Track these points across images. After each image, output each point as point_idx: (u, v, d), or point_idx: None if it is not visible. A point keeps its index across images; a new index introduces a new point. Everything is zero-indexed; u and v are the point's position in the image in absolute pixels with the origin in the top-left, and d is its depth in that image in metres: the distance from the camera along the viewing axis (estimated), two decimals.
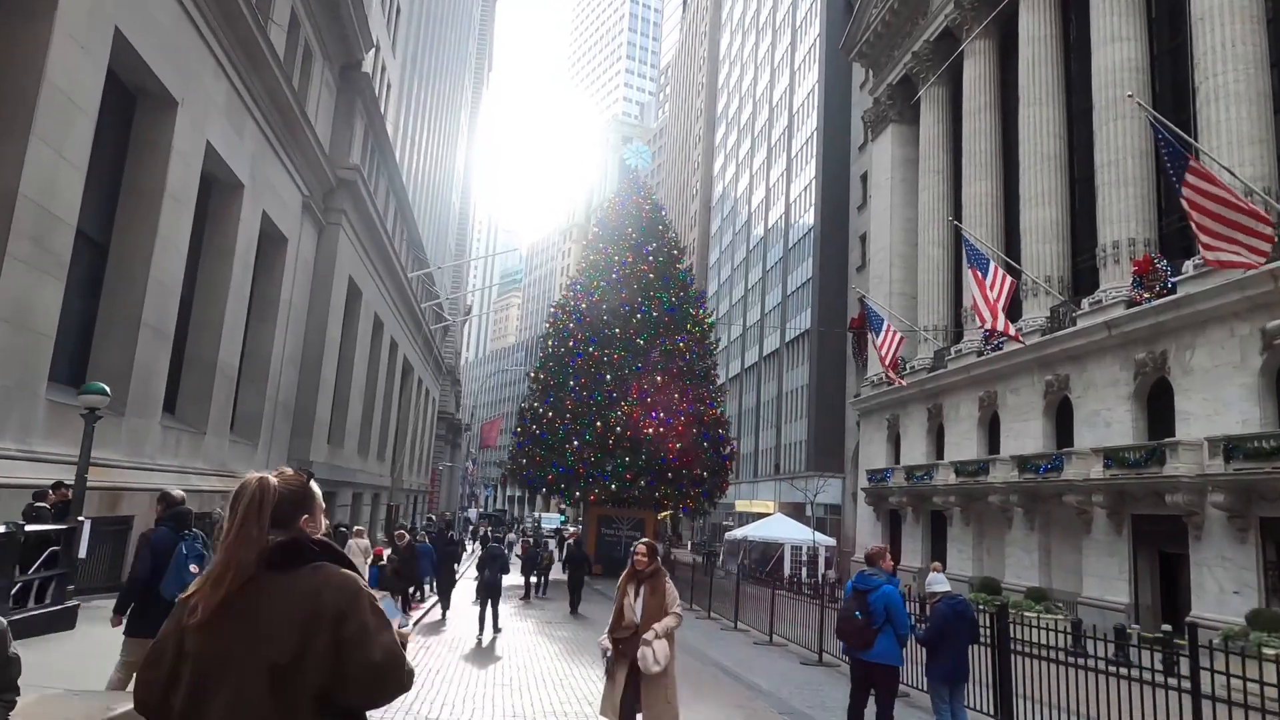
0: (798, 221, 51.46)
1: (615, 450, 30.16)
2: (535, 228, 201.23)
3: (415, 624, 14.85)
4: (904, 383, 27.73)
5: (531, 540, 25.71)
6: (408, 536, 15.33)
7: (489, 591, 13.81)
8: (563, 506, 33.40)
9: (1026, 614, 16.36)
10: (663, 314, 32.51)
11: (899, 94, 36.42)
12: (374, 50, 30.78)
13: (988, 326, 22.03)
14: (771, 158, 58.70)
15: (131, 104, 14.89)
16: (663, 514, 70.45)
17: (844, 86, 47.94)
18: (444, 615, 15.83)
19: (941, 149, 32.92)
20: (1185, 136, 17.40)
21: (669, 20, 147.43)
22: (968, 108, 30.26)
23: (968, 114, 30.22)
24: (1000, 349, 25.84)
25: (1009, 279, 22.48)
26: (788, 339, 51.47)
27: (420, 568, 15.23)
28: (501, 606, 18.36)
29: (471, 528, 54.96)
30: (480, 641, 13.60)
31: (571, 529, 43.43)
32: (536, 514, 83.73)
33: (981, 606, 18.05)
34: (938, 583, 7.61)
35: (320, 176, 24.82)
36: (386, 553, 15.15)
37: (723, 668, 11.64)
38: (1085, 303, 22.24)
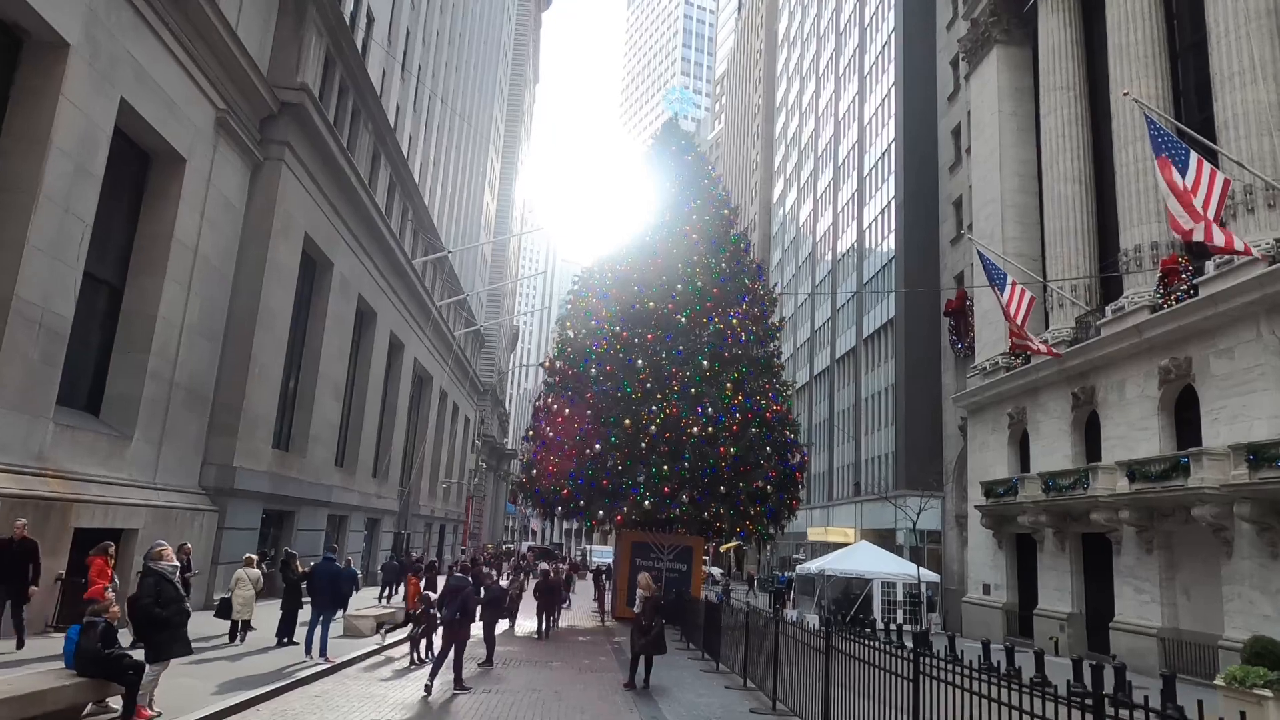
0: (874, 196, 43.82)
1: (649, 456, 23.02)
2: (591, 251, 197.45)
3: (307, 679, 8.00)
4: (1047, 349, 19.76)
5: (542, 575, 18.83)
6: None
7: (449, 635, 11.18)
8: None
9: None
10: (710, 285, 25.41)
11: (1004, 7, 28.88)
12: None
13: (1199, 238, 14.24)
14: (840, 131, 51.32)
15: None
16: (726, 545, 62.32)
17: (925, 32, 40.51)
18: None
19: (1070, 59, 25.23)
20: None
21: (724, 28, 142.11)
22: None
23: None
24: (1195, 293, 17.85)
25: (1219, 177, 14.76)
26: (866, 334, 43.55)
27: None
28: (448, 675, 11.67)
29: (514, 561, 48.05)
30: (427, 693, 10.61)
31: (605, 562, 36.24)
32: (587, 547, 77.23)
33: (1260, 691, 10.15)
34: None
35: (248, 91, 18.81)
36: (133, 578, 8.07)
37: None
38: None
